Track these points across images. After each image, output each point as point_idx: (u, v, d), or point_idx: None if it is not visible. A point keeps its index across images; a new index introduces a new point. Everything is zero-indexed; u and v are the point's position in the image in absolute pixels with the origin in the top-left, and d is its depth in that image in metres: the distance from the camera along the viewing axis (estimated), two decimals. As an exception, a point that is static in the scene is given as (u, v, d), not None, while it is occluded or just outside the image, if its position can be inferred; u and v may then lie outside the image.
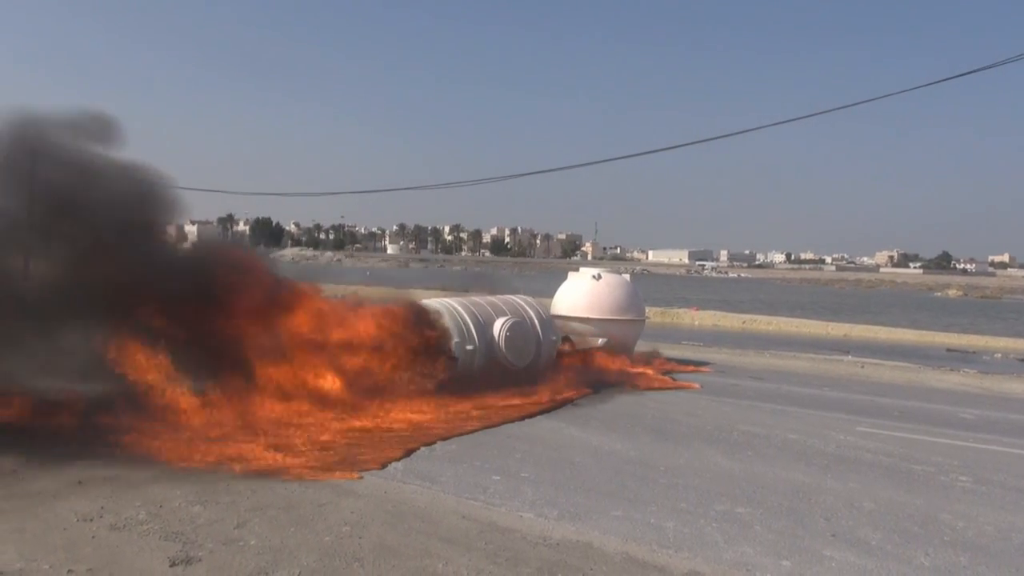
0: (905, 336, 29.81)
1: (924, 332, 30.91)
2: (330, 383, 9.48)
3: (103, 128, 9.54)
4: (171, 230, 11.34)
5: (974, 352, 24.76)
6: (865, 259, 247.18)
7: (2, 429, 7.28)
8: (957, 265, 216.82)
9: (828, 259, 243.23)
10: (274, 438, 7.84)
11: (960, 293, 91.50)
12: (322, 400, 9.23)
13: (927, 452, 8.83)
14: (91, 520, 5.41)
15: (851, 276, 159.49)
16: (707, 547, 5.49)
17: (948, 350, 25.20)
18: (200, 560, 4.81)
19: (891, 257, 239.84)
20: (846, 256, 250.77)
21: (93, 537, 5.12)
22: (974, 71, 13.34)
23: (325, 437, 8.08)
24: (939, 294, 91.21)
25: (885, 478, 7.62)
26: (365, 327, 10.18)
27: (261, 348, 9.30)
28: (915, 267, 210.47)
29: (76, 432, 7.43)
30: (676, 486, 6.99)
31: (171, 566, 4.70)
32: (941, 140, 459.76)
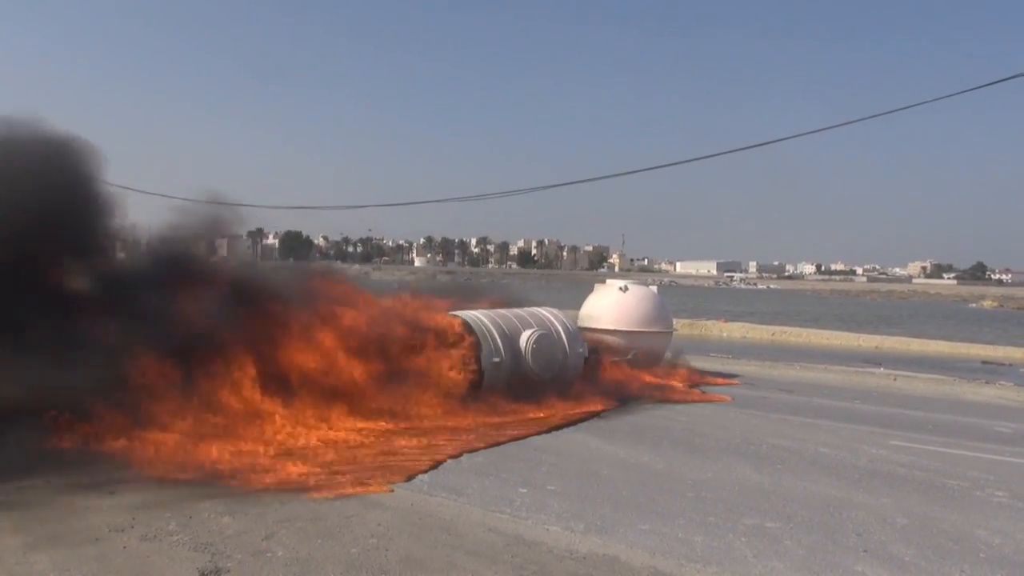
0: (939, 348, 29.32)
1: (958, 344, 30.38)
2: (354, 393, 9.53)
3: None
4: (202, 244, 11.49)
5: (1010, 364, 24.28)
6: (897, 270, 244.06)
7: (30, 438, 7.37)
8: (992, 275, 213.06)
9: (859, 270, 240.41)
10: (299, 450, 7.89)
11: (996, 304, 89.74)
12: (347, 411, 9.27)
13: (962, 466, 8.66)
14: (122, 531, 5.48)
15: (883, 287, 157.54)
16: (736, 562, 5.42)
17: (983, 362, 24.75)
18: (228, 571, 4.85)
19: (924, 268, 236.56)
20: (878, 267, 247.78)
21: (124, 547, 5.19)
22: (1010, 78, 13.12)
23: (351, 449, 8.12)
24: (974, 305, 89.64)
25: (919, 493, 7.48)
26: (391, 335, 10.23)
27: (284, 355, 9.36)
28: (949, 278, 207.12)
29: (104, 442, 7.52)
30: (704, 499, 6.92)
31: (200, 577, 4.75)
32: (975, 147, 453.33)
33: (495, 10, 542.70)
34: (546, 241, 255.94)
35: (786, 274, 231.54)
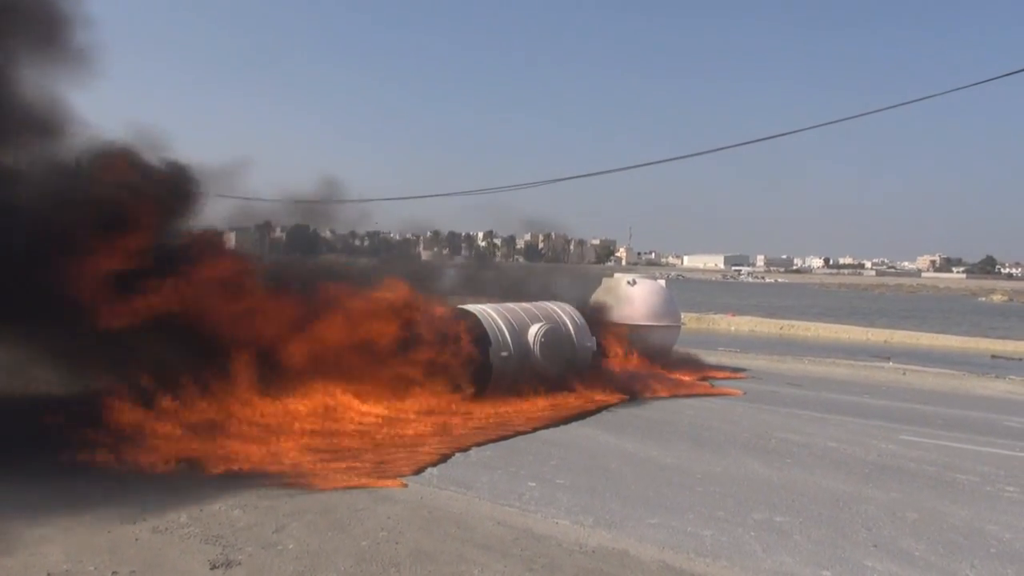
0: (948, 342, 29.21)
1: (968, 338, 30.23)
2: (365, 385, 9.55)
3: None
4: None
5: (1020, 359, 24.14)
6: (906, 264, 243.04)
7: (43, 431, 7.41)
8: (1002, 269, 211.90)
9: (868, 264, 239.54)
10: (308, 444, 7.91)
11: (1006, 298, 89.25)
12: (356, 405, 9.30)
13: (972, 461, 8.63)
14: (134, 523, 5.51)
15: (892, 281, 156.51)
16: (745, 556, 5.42)
17: (993, 357, 24.62)
18: (239, 563, 4.88)
19: (933, 261, 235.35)
20: (886, 260, 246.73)
21: (136, 539, 5.22)
22: (1021, 71, 13.03)
23: (360, 442, 8.14)
24: (984, 299, 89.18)
25: (928, 488, 7.46)
26: (395, 328, 10.24)
27: (286, 345, 9.35)
28: (958, 271, 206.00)
29: (114, 434, 7.54)
30: (713, 494, 6.92)
31: (211, 569, 4.77)
32: (985, 140, 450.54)
33: None
34: (553, 235, 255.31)
35: (794, 268, 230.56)
